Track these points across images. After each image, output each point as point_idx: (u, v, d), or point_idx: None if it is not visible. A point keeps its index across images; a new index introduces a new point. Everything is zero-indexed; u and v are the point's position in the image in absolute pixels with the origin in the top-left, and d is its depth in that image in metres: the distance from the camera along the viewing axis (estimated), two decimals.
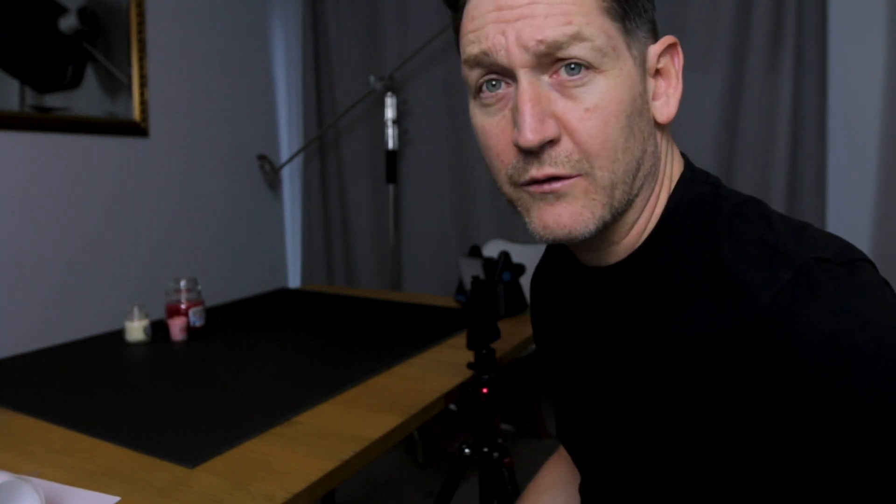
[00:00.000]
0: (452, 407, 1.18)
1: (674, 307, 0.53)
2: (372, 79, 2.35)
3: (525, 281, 1.90)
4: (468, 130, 2.40)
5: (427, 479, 2.18)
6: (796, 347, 0.44)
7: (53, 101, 1.79)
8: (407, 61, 2.34)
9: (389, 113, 2.35)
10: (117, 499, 0.78)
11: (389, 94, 2.33)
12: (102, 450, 0.91)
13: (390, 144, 2.38)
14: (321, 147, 2.66)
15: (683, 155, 0.61)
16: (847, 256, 0.48)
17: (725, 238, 0.51)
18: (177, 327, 1.49)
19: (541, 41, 0.49)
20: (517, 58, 0.50)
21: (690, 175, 0.58)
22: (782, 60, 1.84)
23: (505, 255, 1.68)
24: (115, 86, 1.95)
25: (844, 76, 1.84)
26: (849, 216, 1.87)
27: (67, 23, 1.82)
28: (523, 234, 2.37)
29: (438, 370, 1.21)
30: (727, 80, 1.91)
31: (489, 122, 0.54)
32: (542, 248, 2.43)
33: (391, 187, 2.46)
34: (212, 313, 1.68)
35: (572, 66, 0.49)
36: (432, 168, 2.50)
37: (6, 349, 1.52)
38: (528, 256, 2.08)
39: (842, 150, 1.87)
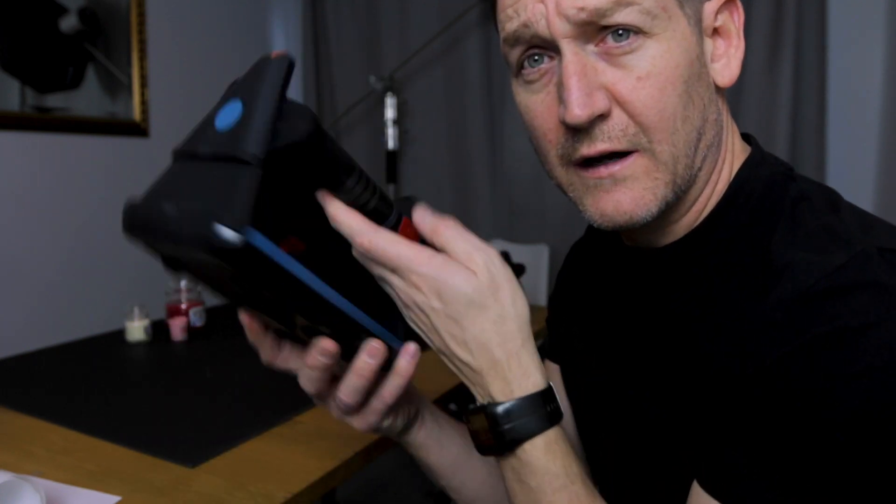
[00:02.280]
0: (452, 406, 1.18)
1: (720, 290, 0.50)
2: (372, 79, 2.35)
3: (525, 281, 1.90)
4: (468, 130, 2.40)
5: (427, 479, 2.18)
6: (827, 332, 0.41)
7: (54, 101, 1.79)
8: (407, 61, 2.34)
9: (389, 113, 2.35)
10: (118, 498, 0.78)
11: (389, 94, 2.33)
12: (103, 450, 0.91)
13: (390, 144, 2.38)
14: None
15: (750, 135, 0.58)
16: None
17: (785, 221, 0.48)
18: (177, 327, 1.49)
19: (582, 8, 0.45)
20: (558, 28, 0.46)
21: (760, 156, 0.54)
22: (781, 61, 1.84)
23: (505, 256, 1.69)
24: (116, 86, 1.95)
25: (844, 76, 1.84)
26: None
27: (68, 23, 1.82)
28: (523, 234, 2.37)
29: (439, 369, 1.21)
30: None
31: (533, 100, 0.51)
32: (541, 250, 2.42)
33: (391, 187, 2.46)
34: (212, 313, 1.68)
35: (619, 31, 0.45)
36: (432, 168, 2.51)
37: (6, 349, 1.52)
38: (528, 256, 2.08)
39: (841, 149, 1.87)
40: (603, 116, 0.47)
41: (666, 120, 0.47)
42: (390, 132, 2.37)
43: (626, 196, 0.48)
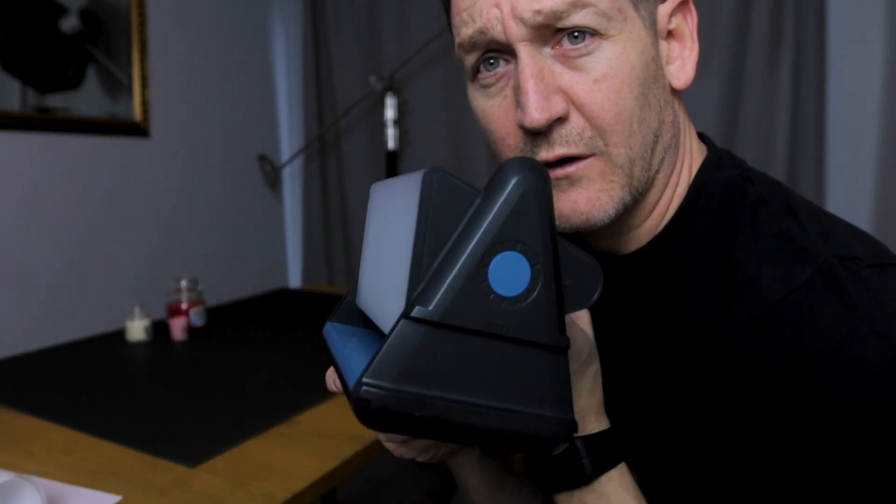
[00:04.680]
0: None
1: (685, 298, 0.50)
2: (372, 79, 2.35)
3: None
4: (468, 130, 2.40)
5: (427, 479, 2.18)
6: (801, 353, 0.41)
7: (55, 101, 1.79)
8: (407, 61, 2.34)
9: (389, 113, 2.35)
10: (118, 498, 0.78)
11: (389, 94, 2.34)
12: (103, 449, 0.92)
13: (390, 144, 2.38)
14: (321, 147, 2.66)
15: (704, 134, 0.58)
16: (878, 259, 0.45)
17: (746, 227, 0.48)
18: (178, 327, 1.49)
19: (538, 11, 0.45)
20: (514, 31, 0.46)
21: (716, 157, 0.55)
22: (781, 61, 1.84)
23: None
24: (116, 86, 1.95)
25: (844, 76, 1.85)
26: (847, 216, 1.87)
27: (68, 23, 1.82)
28: None
29: None
30: (726, 81, 1.92)
31: (490, 105, 0.50)
32: None
33: None
34: (213, 313, 1.68)
35: (575, 34, 0.46)
36: None
37: (6, 349, 1.52)
38: None
39: (841, 149, 1.87)
40: (561, 120, 0.47)
41: (623, 122, 0.47)
42: (390, 132, 2.37)
43: (581, 196, 0.48)
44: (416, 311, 0.33)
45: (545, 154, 0.48)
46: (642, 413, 0.54)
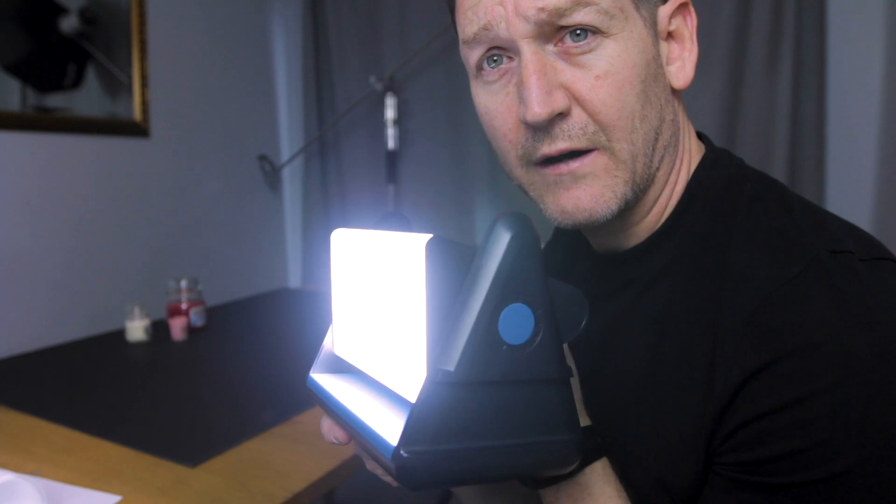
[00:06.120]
0: None
1: (681, 293, 0.50)
2: (372, 79, 2.35)
3: None
4: (468, 130, 2.40)
5: None
6: (791, 344, 0.41)
7: (54, 101, 1.79)
8: (407, 61, 2.34)
9: (389, 113, 2.35)
10: (118, 498, 0.78)
11: (389, 94, 2.34)
12: (104, 449, 0.92)
13: (390, 144, 2.38)
14: (321, 147, 2.66)
15: (703, 134, 0.59)
16: (870, 253, 0.46)
17: (741, 223, 0.49)
18: (178, 327, 1.49)
19: (542, 9, 0.46)
20: (518, 28, 0.47)
21: (714, 156, 0.56)
22: (781, 61, 1.84)
23: None
24: (116, 86, 1.95)
25: (844, 76, 1.84)
26: (847, 216, 1.86)
27: (68, 23, 1.82)
28: None
29: None
30: (726, 80, 1.92)
31: (493, 101, 0.51)
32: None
33: (391, 187, 2.46)
34: (212, 313, 1.68)
35: (577, 31, 0.47)
36: (432, 168, 2.50)
37: (6, 349, 1.52)
38: None
39: (841, 149, 1.87)
40: (563, 115, 0.47)
41: (625, 118, 0.48)
42: (390, 132, 2.37)
43: (585, 193, 0.49)
44: (440, 375, 0.35)
45: (547, 149, 0.48)
46: (636, 405, 0.54)
